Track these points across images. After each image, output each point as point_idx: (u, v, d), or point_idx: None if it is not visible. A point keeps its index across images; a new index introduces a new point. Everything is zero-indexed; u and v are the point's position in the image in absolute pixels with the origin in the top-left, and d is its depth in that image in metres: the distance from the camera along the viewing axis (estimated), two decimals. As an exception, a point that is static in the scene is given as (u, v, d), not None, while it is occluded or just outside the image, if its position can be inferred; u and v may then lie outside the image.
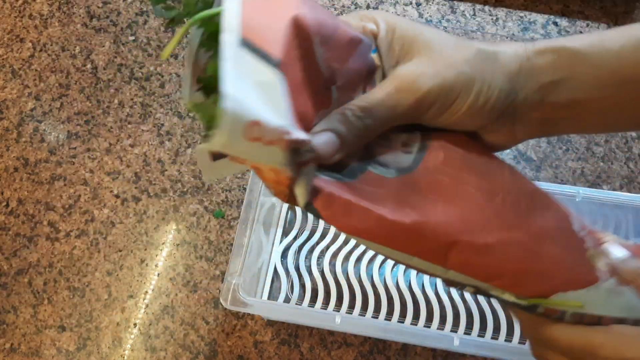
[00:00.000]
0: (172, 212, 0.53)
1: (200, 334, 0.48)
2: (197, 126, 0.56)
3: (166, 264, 0.51)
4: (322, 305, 0.48)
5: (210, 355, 0.47)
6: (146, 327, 0.48)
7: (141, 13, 0.63)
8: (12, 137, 0.57)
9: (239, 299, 0.42)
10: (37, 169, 0.56)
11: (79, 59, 0.61)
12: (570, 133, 0.37)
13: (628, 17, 0.60)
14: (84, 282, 0.50)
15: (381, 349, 0.47)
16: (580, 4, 0.61)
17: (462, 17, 0.61)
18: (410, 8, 0.62)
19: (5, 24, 0.63)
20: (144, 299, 0.50)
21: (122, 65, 0.60)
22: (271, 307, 0.43)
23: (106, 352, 0.48)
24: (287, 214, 0.52)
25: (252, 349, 0.47)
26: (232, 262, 0.43)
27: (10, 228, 0.53)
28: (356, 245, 0.50)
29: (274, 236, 0.50)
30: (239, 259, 0.43)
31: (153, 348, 0.48)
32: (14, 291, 0.51)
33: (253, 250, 0.45)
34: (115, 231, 0.52)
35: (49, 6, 0.64)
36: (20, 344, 0.49)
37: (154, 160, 0.55)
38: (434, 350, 0.46)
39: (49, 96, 0.59)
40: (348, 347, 0.47)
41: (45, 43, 0.62)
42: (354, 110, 0.27)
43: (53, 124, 0.58)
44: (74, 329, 0.49)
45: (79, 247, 0.52)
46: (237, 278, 0.42)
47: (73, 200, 0.54)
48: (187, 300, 0.49)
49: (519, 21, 0.60)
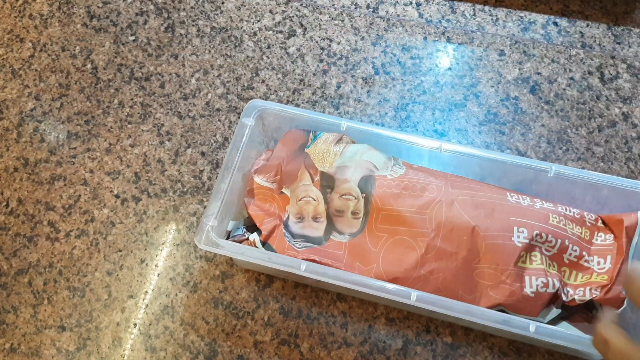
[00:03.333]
0: (172, 212, 0.53)
1: (200, 334, 0.48)
2: (196, 126, 0.56)
3: (166, 264, 0.51)
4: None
5: (210, 355, 0.47)
6: (146, 327, 0.48)
7: (141, 13, 0.63)
8: (12, 137, 0.57)
9: (212, 239, 0.43)
10: (37, 169, 0.56)
11: (79, 59, 0.61)
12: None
13: (628, 17, 0.60)
14: (83, 282, 0.50)
15: (381, 349, 0.47)
16: (580, 4, 0.61)
17: (462, 17, 0.61)
18: (410, 8, 0.62)
19: (5, 24, 0.63)
20: (144, 299, 0.50)
21: (122, 65, 0.60)
22: (240, 250, 0.43)
23: (106, 352, 0.48)
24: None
25: (252, 349, 0.47)
26: (210, 206, 0.44)
27: (10, 228, 0.53)
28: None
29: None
30: (217, 203, 0.44)
31: (153, 348, 0.48)
32: (14, 291, 0.51)
33: (233, 195, 0.46)
34: (115, 231, 0.52)
35: (49, 6, 0.64)
36: (20, 344, 0.49)
37: (154, 160, 0.55)
38: (434, 350, 0.46)
39: (49, 96, 0.59)
40: (348, 347, 0.47)
41: (45, 43, 0.62)
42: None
43: (53, 124, 0.58)
44: (74, 329, 0.49)
45: (79, 247, 0.52)
46: (212, 220, 0.44)
47: (73, 200, 0.54)
48: (187, 301, 0.49)
49: (519, 21, 0.60)
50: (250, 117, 0.48)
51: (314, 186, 0.46)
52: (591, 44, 0.59)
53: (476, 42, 0.59)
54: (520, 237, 0.42)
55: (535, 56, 0.58)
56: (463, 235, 0.42)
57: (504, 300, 0.41)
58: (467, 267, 0.42)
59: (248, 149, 0.47)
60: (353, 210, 0.45)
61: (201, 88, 0.58)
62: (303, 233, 0.46)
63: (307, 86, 0.58)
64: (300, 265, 0.42)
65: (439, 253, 0.42)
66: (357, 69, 0.59)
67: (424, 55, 0.59)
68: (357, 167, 0.46)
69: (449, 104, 0.57)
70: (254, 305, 0.49)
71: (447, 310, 0.39)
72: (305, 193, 0.46)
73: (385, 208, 0.44)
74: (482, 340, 0.47)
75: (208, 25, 0.62)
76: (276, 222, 0.47)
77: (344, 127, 0.47)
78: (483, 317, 0.39)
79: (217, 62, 0.60)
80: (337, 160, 0.47)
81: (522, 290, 0.41)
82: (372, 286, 0.41)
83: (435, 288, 0.42)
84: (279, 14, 0.62)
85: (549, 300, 0.41)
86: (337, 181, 0.46)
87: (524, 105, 0.56)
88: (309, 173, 0.47)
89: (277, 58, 0.60)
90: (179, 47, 0.61)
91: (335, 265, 0.44)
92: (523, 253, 0.41)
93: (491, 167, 0.46)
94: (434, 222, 0.43)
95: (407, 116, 0.56)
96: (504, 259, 0.41)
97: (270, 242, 0.46)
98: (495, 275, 0.41)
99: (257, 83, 0.58)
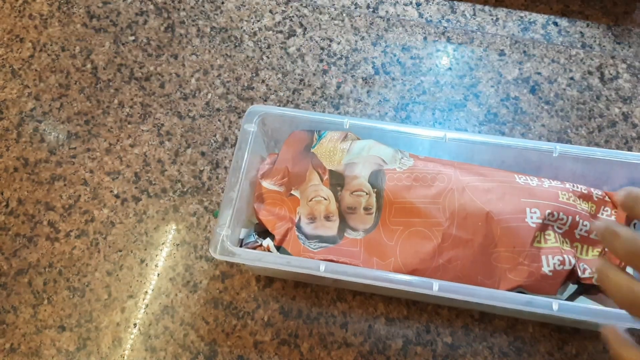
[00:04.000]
0: (172, 212, 0.53)
1: (200, 334, 0.48)
2: (196, 126, 0.56)
3: (166, 264, 0.51)
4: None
5: (210, 355, 0.47)
6: (146, 327, 0.48)
7: (141, 13, 0.63)
8: (12, 137, 0.57)
9: (227, 248, 0.43)
10: (37, 169, 0.55)
11: (78, 59, 0.61)
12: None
13: (628, 17, 0.60)
14: (83, 282, 0.50)
15: (381, 349, 0.47)
16: (581, 4, 0.61)
17: (462, 17, 0.61)
18: (410, 8, 0.62)
19: (5, 24, 0.63)
20: (144, 299, 0.49)
21: (122, 65, 0.60)
22: (257, 256, 0.43)
23: (106, 352, 0.48)
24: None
25: (252, 349, 0.47)
26: (222, 215, 0.44)
27: (10, 228, 0.53)
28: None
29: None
30: (228, 211, 0.44)
31: (153, 348, 0.48)
32: (14, 291, 0.51)
33: (242, 202, 0.46)
34: (115, 231, 0.52)
35: (48, 6, 0.64)
36: (20, 344, 0.49)
37: (154, 160, 0.55)
38: (434, 350, 0.46)
39: (49, 96, 0.59)
40: (348, 347, 0.47)
41: (45, 43, 0.62)
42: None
43: (53, 124, 0.58)
44: (74, 329, 0.49)
45: (79, 247, 0.52)
46: (225, 230, 0.43)
47: (73, 201, 0.54)
48: (187, 301, 0.49)
49: (519, 21, 0.60)
50: (252, 122, 0.48)
51: (324, 185, 0.46)
52: (591, 44, 0.59)
53: (476, 42, 0.59)
54: (534, 217, 0.42)
55: (535, 56, 0.58)
56: (477, 221, 0.42)
57: (523, 281, 0.41)
58: (484, 252, 0.42)
59: (252, 154, 0.47)
60: (365, 206, 0.45)
61: (201, 88, 0.58)
62: (317, 233, 0.46)
63: (307, 86, 0.58)
64: (319, 266, 0.41)
65: (456, 241, 0.43)
66: (357, 69, 0.59)
67: (424, 55, 0.59)
68: (366, 162, 0.46)
69: (449, 104, 0.56)
70: (254, 306, 0.49)
71: (470, 297, 0.40)
72: (315, 193, 0.46)
73: (398, 201, 0.44)
74: (482, 341, 0.47)
75: (208, 25, 0.62)
76: (288, 225, 0.46)
77: (347, 125, 0.47)
78: (505, 301, 0.40)
79: (217, 62, 0.60)
80: (345, 157, 0.47)
81: (540, 270, 0.41)
82: (394, 280, 0.41)
83: (454, 276, 0.42)
84: (279, 14, 0.62)
85: (566, 277, 0.42)
86: (347, 178, 0.46)
87: (524, 105, 0.56)
88: (318, 173, 0.47)
89: (277, 58, 0.60)
90: (178, 47, 0.61)
91: (353, 262, 0.44)
92: (537, 233, 0.42)
93: (496, 152, 0.47)
94: (447, 211, 0.43)
95: (407, 116, 0.56)
96: (519, 241, 0.42)
97: (284, 246, 0.46)
98: (512, 258, 0.42)
99: (257, 83, 0.58)
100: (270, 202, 0.47)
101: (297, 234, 0.46)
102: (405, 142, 0.48)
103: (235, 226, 0.45)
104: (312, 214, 0.46)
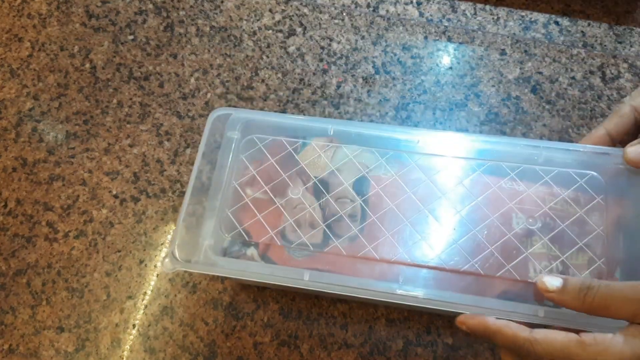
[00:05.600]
0: (172, 212, 0.53)
1: (199, 335, 0.48)
2: (196, 126, 0.56)
3: (165, 265, 0.50)
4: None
5: (209, 356, 0.47)
6: (145, 328, 0.48)
7: (140, 12, 0.63)
8: (10, 137, 0.57)
9: (210, 258, 0.43)
10: (35, 169, 0.55)
11: (77, 58, 0.61)
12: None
13: (629, 16, 0.60)
14: (82, 282, 0.50)
15: (381, 350, 0.46)
16: (582, 3, 0.61)
17: (463, 16, 0.61)
18: (411, 7, 0.61)
19: (4, 23, 0.63)
20: (143, 299, 0.49)
21: (121, 65, 0.60)
22: (239, 265, 0.43)
23: (105, 353, 0.48)
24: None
25: (251, 350, 0.47)
26: (205, 225, 0.44)
27: (9, 228, 0.53)
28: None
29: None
30: (211, 221, 0.44)
31: (152, 349, 0.47)
32: (12, 292, 0.50)
33: (223, 212, 0.46)
34: (114, 232, 0.52)
35: (47, 5, 0.64)
36: (18, 344, 0.48)
37: (153, 161, 0.55)
38: (435, 352, 0.46)
39: (48, 96, 0.59)
40: (348, 348, 0.47)
41: (43, 42, 0.62)
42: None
43: (51, 123, 0.57)
44: (73, 329, 0.48)
45: (78, 248, 0.52)
46: (208, 239, 0.44)
47: (72, 201, 0.54)
48: (186, 301, 0.49)
49: (520, 20, 0.60)
50: (235, 130, 0.48)
51: (308, 193, 0.47)
52: (592, 43, 0.59)
53: (477, 41, 0.59)
54: (520, 222, 0.42)
55: (536, 55, 0.58)
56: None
57: (509, 288, 0.41)
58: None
59: (235, 162, 0.47)
60: (350, 213, 0.45)
61: (200, 87, 0.58)
62: (301, 241, 0.46)
63: (307, 86, 0.58)
64: (303, 274, 0.41)
65: None
66: (357, 69, 0.58)
67: (424, 54, 0.59)
68: (350, 169, 0.46)
69: (450, 103, 0.56)
70: (254, 306, 0.48)
71: (454, 306, 0.39)
72: (299, 201, 0.47)
73: (383, 207, 0.44)
74: (483, 341, 0.46)
75: (207, 25, 0.62)
76: (272, 234, 0.46)
77: (331, 131, 0.47)
78: (491, 308, 0.39)
79: (216, 62, 0.59)
80: (329, 164, 0.47)
81: (526, 277, 0.41)
82: (378, 288, 0.40)
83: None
84: (279, 13, 0.62)
85: None
86: (331, 185, 0.46)
87: (525, 105, 0.56)
88: (301, 180, 0.47)
89: (277, 57, 0.59)
90: (178, 46, 0.60)
91: (338, 270, 0.44)
92: (524, 239, 0.42)
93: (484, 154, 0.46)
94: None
95: (407, 116, 0.56)
96: (506, 247, 0.42)
97: (269, 255, 0.46)
98: (498, 264, 0.42)
99: (257, 82, 0.58)
100: (253, 210, 0.47)
101: (281, 242, 0.46)
102: (393, 145, 0.47)
103: (219, 235, 0.45)
104: (297, 221, 0.46)
